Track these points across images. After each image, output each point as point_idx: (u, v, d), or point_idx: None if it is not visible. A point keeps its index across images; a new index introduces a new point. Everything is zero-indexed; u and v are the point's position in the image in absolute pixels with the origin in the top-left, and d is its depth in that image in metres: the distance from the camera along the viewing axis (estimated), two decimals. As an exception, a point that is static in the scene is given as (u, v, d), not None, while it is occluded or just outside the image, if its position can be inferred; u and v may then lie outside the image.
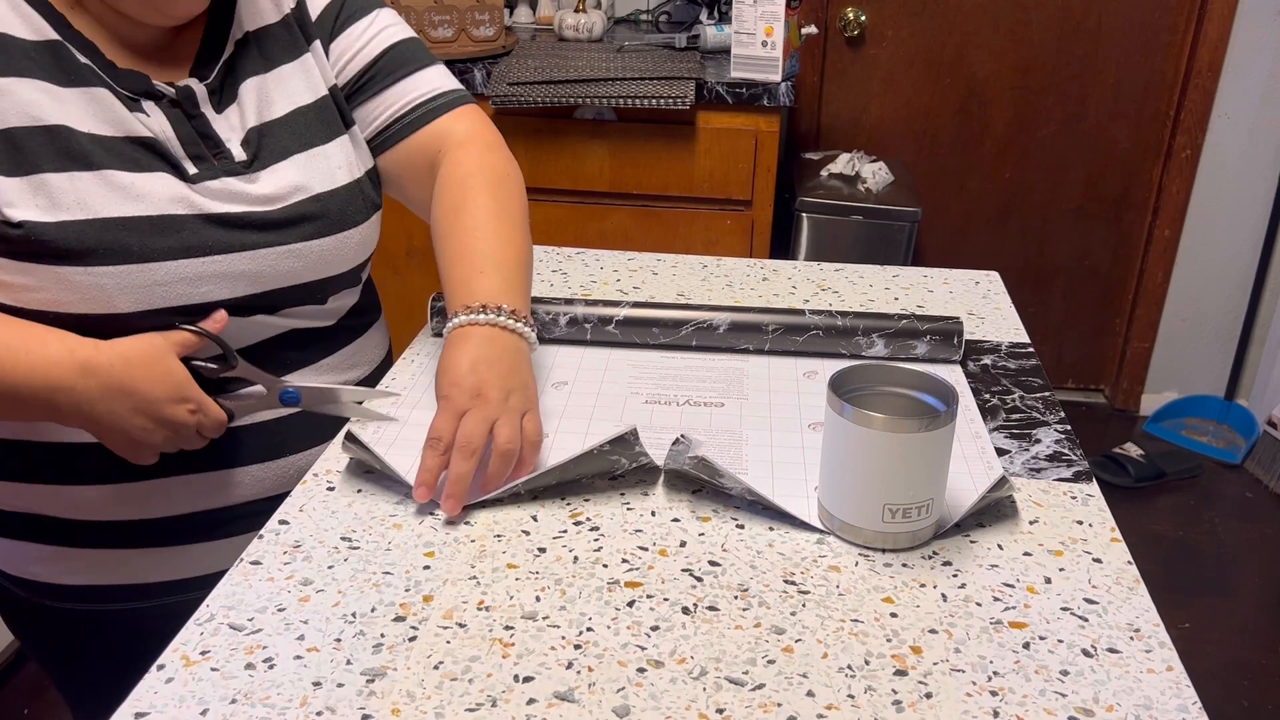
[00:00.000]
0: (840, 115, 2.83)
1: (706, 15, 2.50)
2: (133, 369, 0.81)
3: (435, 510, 0.79)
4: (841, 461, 0.74)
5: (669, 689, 0.62)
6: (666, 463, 0.82)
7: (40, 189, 0.79)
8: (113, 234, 0.81)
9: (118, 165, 0.82)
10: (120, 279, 0.81)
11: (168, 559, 0.93)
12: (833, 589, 0.71)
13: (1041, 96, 2.74)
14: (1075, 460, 0.87)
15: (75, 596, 0.94)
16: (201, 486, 0.92)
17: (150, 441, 0.83)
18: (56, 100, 0.81)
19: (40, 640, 1.01)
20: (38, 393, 0.79)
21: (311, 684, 0.62)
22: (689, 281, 1.23)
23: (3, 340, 0.78)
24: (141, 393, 0.81)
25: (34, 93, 0.80)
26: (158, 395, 0.81)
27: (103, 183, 0.81)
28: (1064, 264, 2.91)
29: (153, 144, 0.84)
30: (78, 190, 0.80)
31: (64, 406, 0.80)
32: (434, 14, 2.17)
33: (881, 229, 2.35)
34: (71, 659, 1.00)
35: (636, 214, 2.25)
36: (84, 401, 0.80)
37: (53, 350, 0.79)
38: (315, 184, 0.91)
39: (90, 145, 0.81)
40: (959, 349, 1.01)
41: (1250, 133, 2.69)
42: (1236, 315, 2.86)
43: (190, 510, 0.92)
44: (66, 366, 0.79)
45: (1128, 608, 0.70)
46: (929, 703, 0.61)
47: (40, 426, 0.87)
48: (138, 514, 0.91)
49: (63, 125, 0.80)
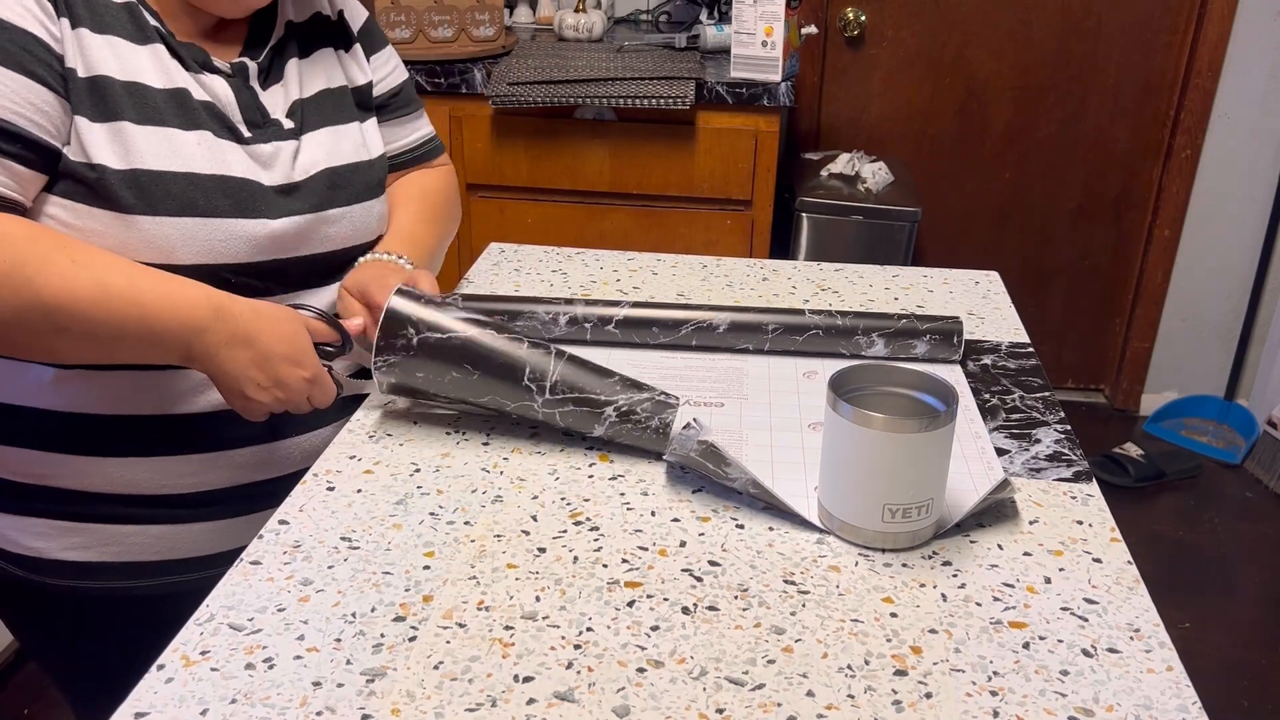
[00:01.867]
0: (840, 115, 2.83)
1: (706, 15, 2.50)
2: (261, 321, 0.84)
3: (435, 510, 0.79)
4: (841, 461, 0.74)
5: (669, 689, 0.62)
6: (672, 449, 0.81)
7: (118, 136, 0.84)
8: (180, 187, 0.85)
9: (185, 124, 0.87)
10: (185, 231, 0.85)
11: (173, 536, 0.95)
12: (833, 589, 0.71)
13: (1041, 96, 2.74)
14: (1075, 460, 0.87)
15: (77, 573, 0.95)
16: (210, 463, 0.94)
17: (261, 399, 0.85)
18: (134, 56, 0.86)
19: (38, 628, 1.02)
20: (176, 333, 0.81)
21: (311, 684, 0.62)
22: (689, 281, 1.23)
23: (146, 282, 0.81)
24: (263, 346, 0.84)
25: (118, 47, 0.85)
26: (278, 352, 0.84)
27: (172, 138, 0.86)
28: (1064, 264, 2.91)
29: (212, 107, 0.90)
30: (151, 142, 0.85)
31: (195, 349, 0.82)
32: (434, 14, 2.17)
33: (881, 229, 2.35)
34: (69, 648, 1.01)
35: (636, 214, 2.25)
36: (213, 345, 0.82)
37: (191, 292, 0.83)
38: (347, 155, 1.00)
39: (162, 102, 0.86)
40: (959, 348, 1.02)
41: (1250, 133, 2.68)
42: (1236, 315, 2.86)
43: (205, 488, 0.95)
44: (204, 309, 0.82)
45: (1128, 608, 0.70)
46: (929, 703, 0.61)
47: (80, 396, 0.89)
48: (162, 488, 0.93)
49: (139, 81, 0.85)
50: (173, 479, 0.93)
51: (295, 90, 0.98)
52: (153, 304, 0.80)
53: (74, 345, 0.80)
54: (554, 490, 0.82)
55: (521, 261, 1.28)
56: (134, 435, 0.91)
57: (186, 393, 0.92)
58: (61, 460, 0.91)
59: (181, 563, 0.96)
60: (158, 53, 0.87)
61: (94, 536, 0.94)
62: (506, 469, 0.84)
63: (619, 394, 0.82)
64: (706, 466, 0.79)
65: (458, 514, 0.78)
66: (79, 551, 0.94)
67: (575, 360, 0.84)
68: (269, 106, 0.95)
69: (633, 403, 0.82)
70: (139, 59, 0.86)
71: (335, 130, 1.00)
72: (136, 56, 0.86)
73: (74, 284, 0.78)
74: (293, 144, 0.95)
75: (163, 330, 0.81)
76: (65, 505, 0.93)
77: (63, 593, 0.96)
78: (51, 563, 0.95)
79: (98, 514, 0.93)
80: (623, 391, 0.83)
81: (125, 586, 0.96)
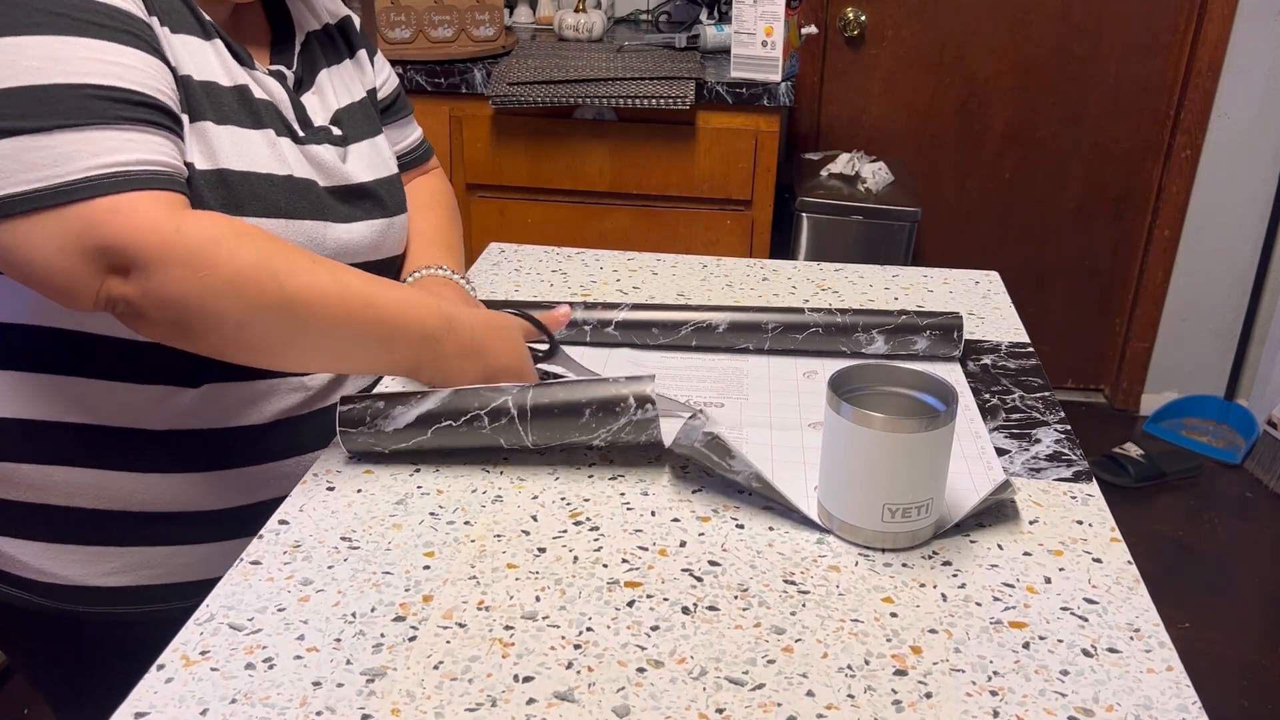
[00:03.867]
0: (840, 115, 2.83)
1: (706, 15, 2.50)
2: (490, 333, 0.83)
3: (435, 510, 0.79)
4: (841, 461, 0.74)
5: (669, 689, 0.62)
6: (676, 441, 0.81)
7: (201, 136, 0.81)
8: (263, 187, 0.83)
9: (252, 122, 0.85)
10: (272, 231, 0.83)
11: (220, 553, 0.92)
12: (833, 589, 0.71)
13: (1041, 96, 2.74)
14: (1075, 460, 0.87)
15: (112, 599, 0.91)
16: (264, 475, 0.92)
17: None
18: (203, 52, 0.83)
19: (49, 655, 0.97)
20: (411, 340, 0.80)
21: (311, 684, 0.62)
22: (689, 281, 1.23)
23: (379, 287, 0.79)
24: (492, 358, 0.83)
25: (190, 45, 0.82)
26: (504, 364, 0.84)
27: (246, 137, 0.83)
28: (1064, 264, 2.91)
29: (270, 105, 0.87)
30: (228, 142, 0.82)
31: (425, 359, 0.81)
32: (434, 14, 2.17)
33: (881, 229, 2.35)
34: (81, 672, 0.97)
35: (636, 214, 2.25)
36: (443, 357, 0.81)
37: (424, 300, 0.81)
38: (382, 168, 0.99)
39: (231, 100, 0.84)
40: (959, 344, 1.02)
41: (1250, 133, 2.68)
42: (1236, 315, 2.86)
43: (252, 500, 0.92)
44: (437, 318, 0.81)
45: (1128, 608, 0.70)
46: (929, 703, 0.61)
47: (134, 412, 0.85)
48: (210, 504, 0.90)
49: (211, 79, 0.83)
50: (223, 495, 0.90)
51: (332, 99, 0.97)
52: (389, 310, 0.78)
53: (310, 346, 0.77)
54: (554, 490, 0.82)
55: (521, 262, 1.28)
56: (190, 450, 0.87)
57: (242, 406, 0.89)
58: (107, 478, 0.87)
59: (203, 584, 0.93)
60: (219, 48, 0.84)
61: (133, 560, 0.90)
62: (506, 469, 0.84)
63: (596, 431, 0.81)
64: (710, 458, 0.79)
65: (458, 514, 0.78)
66: (116, 577, 0.90)
67: (541, 411, 0.81)
68: (310, 113, 0.94)
69: (613, 432, 0.82)
70: (207, 55, 0.83)
71: (373, 143, 0.99)
72: (204, 52, 0.83)
73: (317, 282, 0.75)
74: (342, 150, 0.94)
75: (399, 336, 0.79)
76: (105, 529, 0.88)
77: (93, 619, 0.91)
78: (84, 590, 0.90)
79: (140, 536, 0.89)
80: (600, 427, 0.81)
81: (163, 609, 0.92)
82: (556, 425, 0.81)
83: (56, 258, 0.69)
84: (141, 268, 0.69)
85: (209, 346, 0.74)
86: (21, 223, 0.68)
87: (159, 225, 0.69)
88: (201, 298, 0.71)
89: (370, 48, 1.07)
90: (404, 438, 0.82)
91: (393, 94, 1.10)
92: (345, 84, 1.00)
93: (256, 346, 0.75)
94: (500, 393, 0.81)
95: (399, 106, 1.11)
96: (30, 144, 0.68)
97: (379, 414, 0.82)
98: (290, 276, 0.73)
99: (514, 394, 0.81)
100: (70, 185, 0.68)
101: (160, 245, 0.69)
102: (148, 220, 0.69)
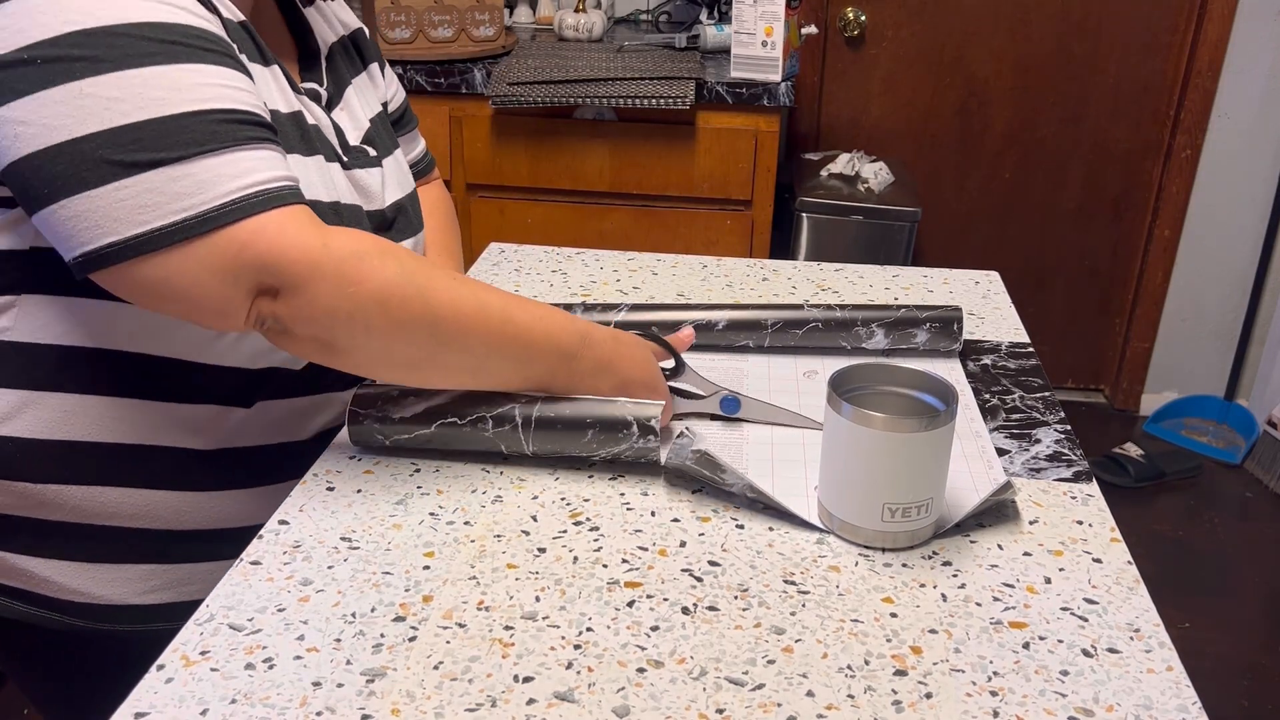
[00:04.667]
0: (840, 115, 2.83)
1: (706, 15, 2.50)
2: (620, 348, 0.83)
3: (435, 510, 0.79)
4: (841, 461, 0.74)
5: (669, 689, 0.62)
6: (669, 459, 0.82)
7: None
8: (324, 215, 0.82)
9: (306, 149, 0.84)
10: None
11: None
12: (833, 589, 0.71)
13: (1041, 96, 2.74)
14: (1075, 460, 0.87)
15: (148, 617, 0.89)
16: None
17: None
18: (262, 79, 0.82)
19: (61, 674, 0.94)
20: (548, 356, 0.80)
21: (311, 684, 0.62)
22: (689, 281, 1.23)
23: (515, 303, 0.78)
24: (624, 373, 0.83)
25: (255, 73, 0.81)
26: (637, 377, 0.83)
27: (303, 164, 0.83)
28: (1064, 264, 2.91)
29: (319, 130, 0.87)
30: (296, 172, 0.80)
31: (561, 375, 0.81)
32: (434, 14, 2.17)
33: (881, 229, 2.35)
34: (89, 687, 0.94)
35: (636, 214, 2.25)
36: (579, 372, 0.81)
37: (559, 317, 0.81)
38: (406, 183, 1.00)
39: (289, 126, 0.83)
40: (959, 337, 1.02)
41: (1250, 133, 2.68)
42: (1236, 315, 2.86)
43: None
44: (573, 334, 0.81)
45: (1128, 608, 0.70)
46: (929, 703, 0.61)
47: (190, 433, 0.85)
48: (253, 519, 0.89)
49: (274, 109, 0.82)
50: (266, 510, 0.90)
51: (361, 116, 0.96)
52: (526, 325, 0.78)
53: (450, 362, 0.77)
54: (554, 490, 0.82)
55: (521, 262, 1.28)
56: (237, 468, 0.87)
57: (289, 422, 0.89)
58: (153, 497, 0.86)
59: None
60: (276, 75, 0.84)
61: (174, 577, 0.89)
62: (506, 469, 0.84)
63: (597, 451, 0.82)
64: (703, 474, 0.80)
65: (458, 514, 0.78)
66: (156, 594, 0.88)
67: (545, 422, 0.82)
68: (345, 132, 0.93)
69: (614, 455, 0.82)
70: (268, 81, 0.81)
71: (395, 158, 0.99)
72: (265, 79, 0.82)
73: (458, 298, 0.75)
74: (380, 171, 0.94)
75: (536, 352, 0.79)
76: (148, 548, 0.87)
77: (122, 636, 0.89)
78: (121, 608, 0.88)
79: (183, 554, 0.88)
80: (600, 447, 0.82)
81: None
82: (558, 438, 0.82)
83: (210, 283, 0.69)
84: (291, 284, 0.70)
85: (354, 363, 0.75)
86: (174, 254, 0.68)
87: (307, 241, 0.70)
88: (350, 313, 0.71)
89: (380, 59, 1.07)
90: (409, 428, 0.83)
91: (401, 106, 1.10)
92: (366, 99, 1.00)
93: (401, 362, 0.75)
94: (510, 400, 0.82)
95: (407, 119, 1.11)
96: (173, 174, 0.68)
97: (391, 400, 0.83)
98: (434, 292, 0.74)
99: (522, 403, 0.82)
100: (217, 210, 0.68)
101: (309, 261, 0.70)
102: (296, 237, 0.70)
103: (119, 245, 0.67)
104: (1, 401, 0.80)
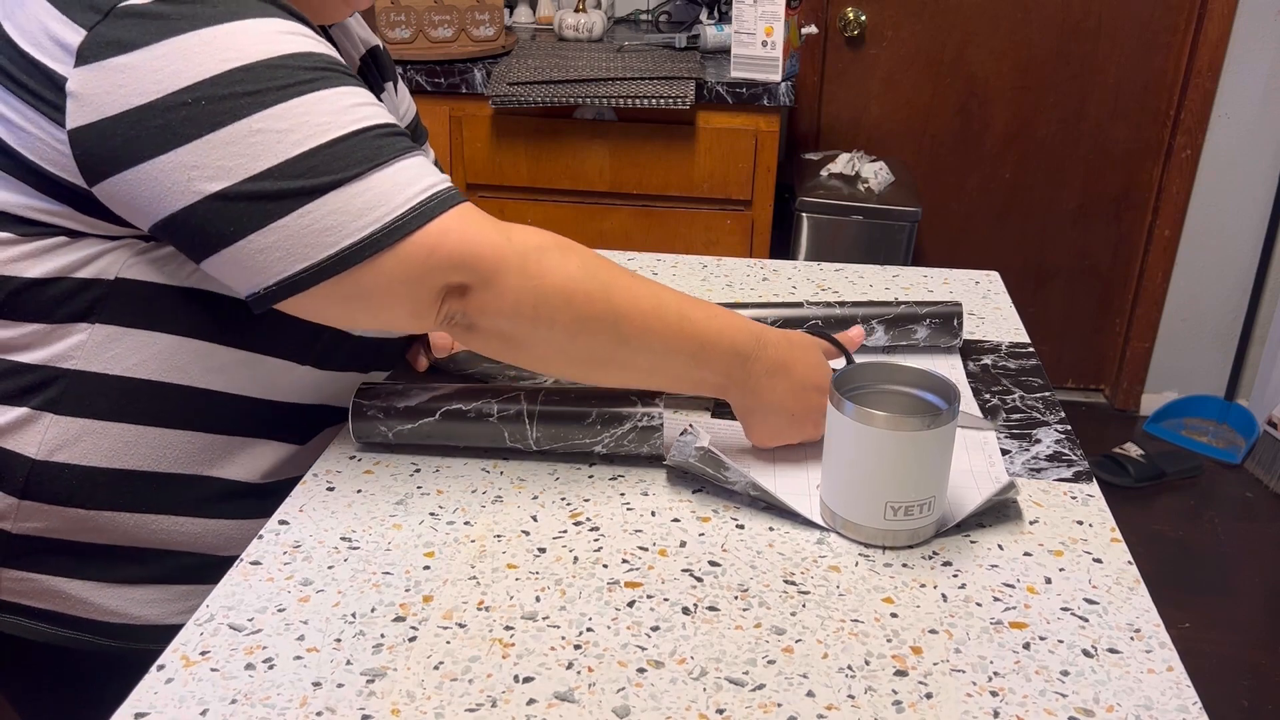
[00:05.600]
0: (840, 115, 2.83)
1: (706, 15, 2.50)
2: (794, 349, 0.83)
3: (435, 510, 0.79)
4: (843, 459, 0.74)
5: (669, 689, 0.62)
6: (672, 457, 0.82)
7: None
8: None
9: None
10: None
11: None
12: (833, 589, 0.71)
13: (1041, 96, 2.74)
14: (1075, 460, 0.87)
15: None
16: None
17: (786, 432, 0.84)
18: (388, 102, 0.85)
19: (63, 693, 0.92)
20: (724, 357, 0.80)
21: (311, 684, 0.62)
22: (689, 281, 1.23)
23: (689, 303, 0.79)
24: (799, 375, 0.82)
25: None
26: (811, 381, 0.83)
27: None
28: (1064, 264, 2.91)
29: None
30: None
31: (736, 377, 0.81)
32: (434, 14, 2.17)
33: (881, 229, 2.35)
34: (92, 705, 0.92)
35: (636, 214, 2.25)
36: (755, 374, 0.81)
37: (733, 318, 0.81)
38: None
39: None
40: (959, 332, 1.02)
41: (1250, 133, 2.68)
42: (1236, 315, 2.86)
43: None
44: (747, 335, 0.80)
45: (1128, 608, 0.70)
46: (929, 703, 0.61)
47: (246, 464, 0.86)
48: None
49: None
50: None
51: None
52: (703, 326, 0.78)
53: (628, 360, 0.77)
54: (554, 490, 0.82)
55: (521, 261, 1.28)
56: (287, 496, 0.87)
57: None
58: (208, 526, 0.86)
59: None
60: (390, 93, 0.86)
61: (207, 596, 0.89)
62: (506, 469, 0.84)
63: (601, 434, 0.83)
64: (707, 472, 0.80)
65: (458, 514, 0.78)
66: (190, 614, 0.88)
67: (549, 414, 0.83)
68: None
69: (616, 438, 0.83)
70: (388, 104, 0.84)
71: None
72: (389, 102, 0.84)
73: (639, 295, 0.76)
74: None
75: (712, 352, 0.79)
76: (197, 572, 0.88)
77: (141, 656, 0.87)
78: (158, 628, 0.88)
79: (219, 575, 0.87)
80: (604, 430, 0.82)
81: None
82: (561, 427, 0.82)
83: (403, 289, 0.71)
84: (481, 279, 0.72)
85: (535, 357, 0.76)
86: (368, 267, 0.70)
87: (491, 236, 0.72)
88: (535, 306, 0.72)
89: (395, 76, 1.07)
90: (413, 417, 0.83)
91: (413, 122, 1.10)
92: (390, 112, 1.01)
93: (582, 359, 0.77)
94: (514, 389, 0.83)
95: (419, 135, 1.12)
96: (353, 191, 0.69)
97: (395, 393, 0.84)
98: (616, 289, 0.75)
99: (526, 392, 0.83)
100: (401, 219, 0.70)
101: (496, 256, 0.71)
102: (479, 233, 0.72)
103: (313, 269, 0.69)
104: (61, 430, 0.80)
